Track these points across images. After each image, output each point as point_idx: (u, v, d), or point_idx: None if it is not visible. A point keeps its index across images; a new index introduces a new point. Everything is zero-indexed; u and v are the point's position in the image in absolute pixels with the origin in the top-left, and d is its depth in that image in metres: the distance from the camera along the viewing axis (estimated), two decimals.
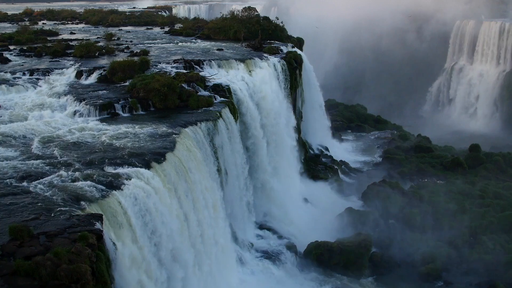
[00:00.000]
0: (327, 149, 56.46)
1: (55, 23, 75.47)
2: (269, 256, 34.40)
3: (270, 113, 39.53)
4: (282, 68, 44.90)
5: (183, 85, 33.52)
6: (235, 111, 34.72)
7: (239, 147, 34.52)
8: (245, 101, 36.99)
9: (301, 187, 45.37)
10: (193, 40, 54.64)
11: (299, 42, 58.74)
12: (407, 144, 61.15)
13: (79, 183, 19.49)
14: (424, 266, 35.30)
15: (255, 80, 39.67)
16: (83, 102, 29.87)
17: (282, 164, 41.65)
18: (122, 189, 19.47)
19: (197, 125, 28.57)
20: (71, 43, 47.83)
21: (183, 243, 22.55)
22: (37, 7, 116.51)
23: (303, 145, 50.40)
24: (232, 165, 32.89)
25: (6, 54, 41.93)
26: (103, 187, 19.40)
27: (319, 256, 35.55)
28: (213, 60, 41.01)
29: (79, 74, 36.09)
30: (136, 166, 21.50)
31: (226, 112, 32.39)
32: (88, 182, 19.62)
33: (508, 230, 38.75)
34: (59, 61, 40.45)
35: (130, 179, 20.29)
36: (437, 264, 35.38)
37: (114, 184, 19.77)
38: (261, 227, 37.71)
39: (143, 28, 70.26)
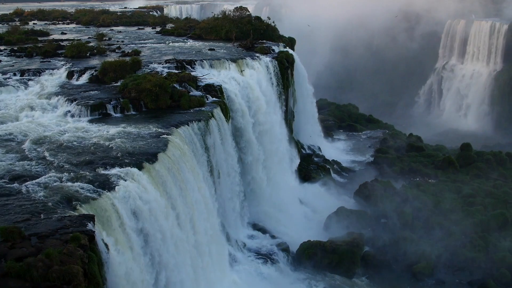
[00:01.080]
0: (319, 148, 56.57)
1: (46, 23, 74.98)
2: (262, 256, 34.40)
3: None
4: (273, 67, 44.91)
5: (175, 85, 33.45)
6: (227, 111, 34.70)
7: (231, 146, 34.51)
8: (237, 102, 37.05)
9: (294, 186, 45.41)
10: (185, 40, 54.50)
11: (290, 42, 58.78)
12: (398, 143, 61.29)
13: (71, 184, 19.41)
14: (416, 264, 35.47)
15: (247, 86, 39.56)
16: (75, 103, 29.72)
17: (275, 164, 41.71)
18: (114, 190, 19.39)
19: (189, 125, 28.51)
20: (62, 43, 47.58)
21: (171, 230, 22.56)
22: (28, 7, 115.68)
23: (295, 145, 50.46)
24: (224, 165, 32.87)
25: None
26: (95, 188, 19.32)
27: (312, 256, 35.61)
28: (204, 60, 40.95)
29: (70, 75, 35.91)
30: (128, 167, 21.43)
31: (218, 112, 32.35)
32: (80, 183, 19.55)
33: (499, 228, 38.98)
34: (50, 61, 40.24)
35: (122, 180, 20.20)
36: (429, 263, 35.56)
37: (106, 184, 19.70)
38: (253, 227, 37.70)
39: (134, 28, 69.97)
